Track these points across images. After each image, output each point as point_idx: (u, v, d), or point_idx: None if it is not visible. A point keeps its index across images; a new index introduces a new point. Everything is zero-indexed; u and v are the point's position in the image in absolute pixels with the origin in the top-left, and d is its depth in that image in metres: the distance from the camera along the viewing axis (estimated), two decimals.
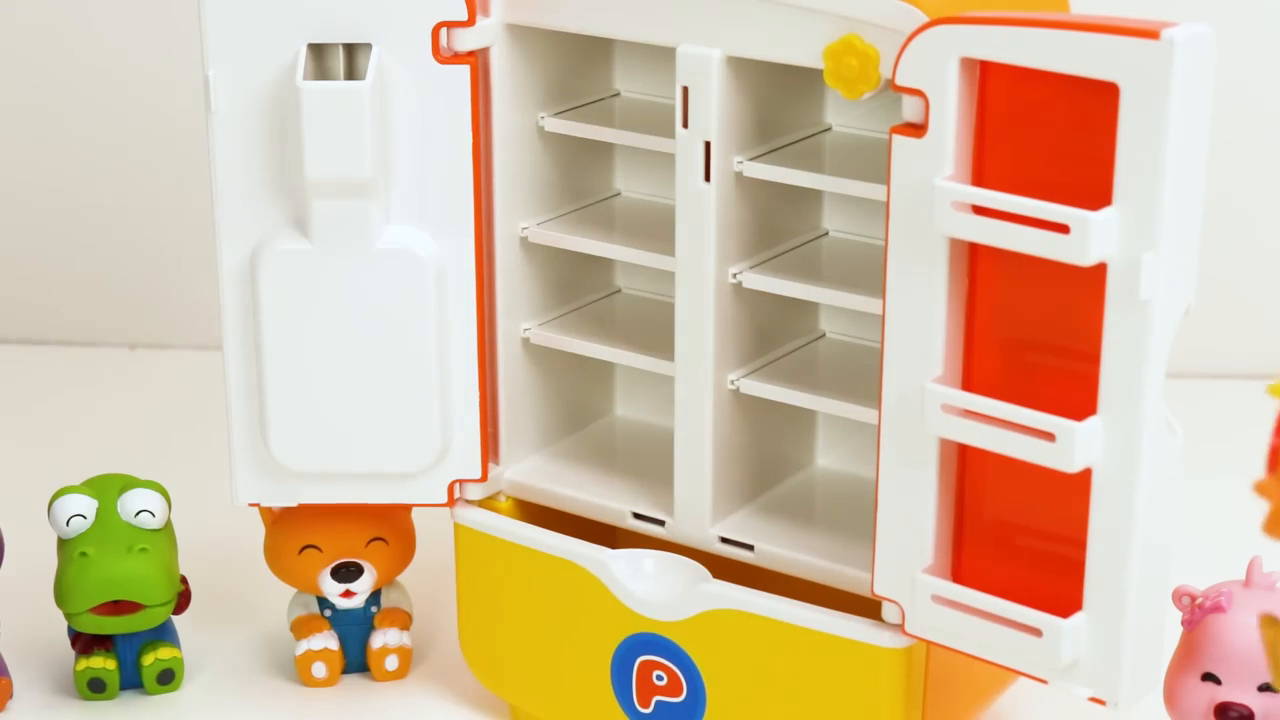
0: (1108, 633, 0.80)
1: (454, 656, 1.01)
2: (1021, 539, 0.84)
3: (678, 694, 0.92)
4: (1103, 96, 0.75)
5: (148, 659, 1.02)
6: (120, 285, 1.47)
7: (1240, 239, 1.38)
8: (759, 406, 0.93)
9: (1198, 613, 0.87)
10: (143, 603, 0.99)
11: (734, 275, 0.89)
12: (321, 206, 0.91)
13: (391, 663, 1.04)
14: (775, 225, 0.92)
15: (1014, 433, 0.79)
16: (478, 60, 0.91)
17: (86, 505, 1.00)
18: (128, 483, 1.01)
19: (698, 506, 0.92)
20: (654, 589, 0.92)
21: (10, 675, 1.02)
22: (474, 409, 0.95)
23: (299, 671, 1.03)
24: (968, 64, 0.79)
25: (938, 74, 0.79)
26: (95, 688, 1.02)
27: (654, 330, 0.96)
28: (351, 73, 0.91)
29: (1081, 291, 0.78)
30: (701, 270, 0.89)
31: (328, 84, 0.89)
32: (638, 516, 0.94)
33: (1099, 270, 0.76)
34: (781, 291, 0.89)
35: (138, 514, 0.99)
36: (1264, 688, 0.86)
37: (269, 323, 0.92)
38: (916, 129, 0.80)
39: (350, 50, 0.91)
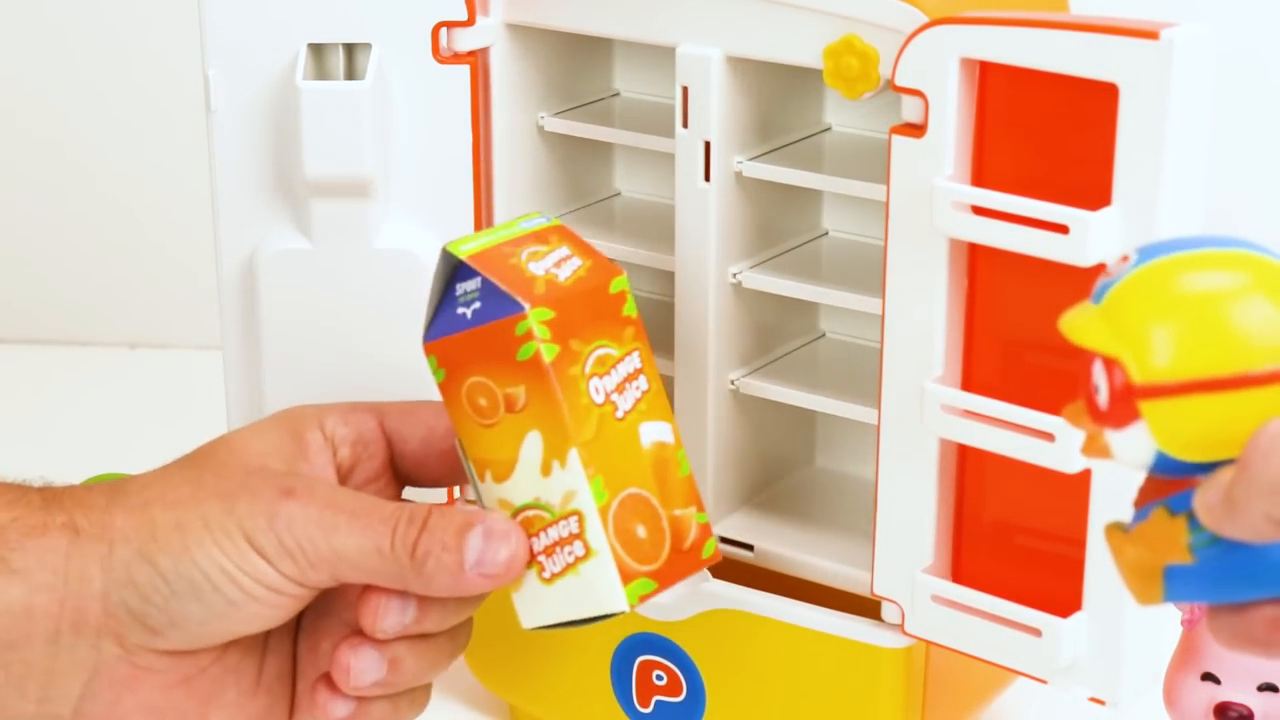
0: (1107, 632, 0.80)
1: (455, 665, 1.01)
2: (1021, 539, 0.84)
3: (677, 694, 0.92)
4: (1102, 96, 0.75)
5: None
6: (120, 285, 1.47)
7: None
8: (759, 406, 0.93)
9: (1197, 612, 0.87)
10: None
11: (734, 275, 0.89)
12: (321, 206, 0.91)
13: None
14: (775, 225, 0.92)
15: (1014, 433, 0.79)
16: (478, 60, 0.91)
17: None
18: None
19: None
20: None
21: None
22: None
23: None
24: (967, 64, 0.79)
25: (937, 74, 0.79)
26: None
27: (654, 330, 0.96)
28: (351, 73, 0.91)
29: (1082, 292, 0.78)
30: (701, 270, 0.89)
31: (328, 84, 0.89)
32: None
33: (1099, 270, 0.76)
34: (781, 291, 0.89)
35: None
36: (1264, 687, 0.86)
37: (269, 323, 0.93)
38: (916, 129, 0.80)
39: (350, 50, 0.91)
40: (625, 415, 0.79)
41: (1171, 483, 0.60)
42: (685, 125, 0.87)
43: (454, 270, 0.79)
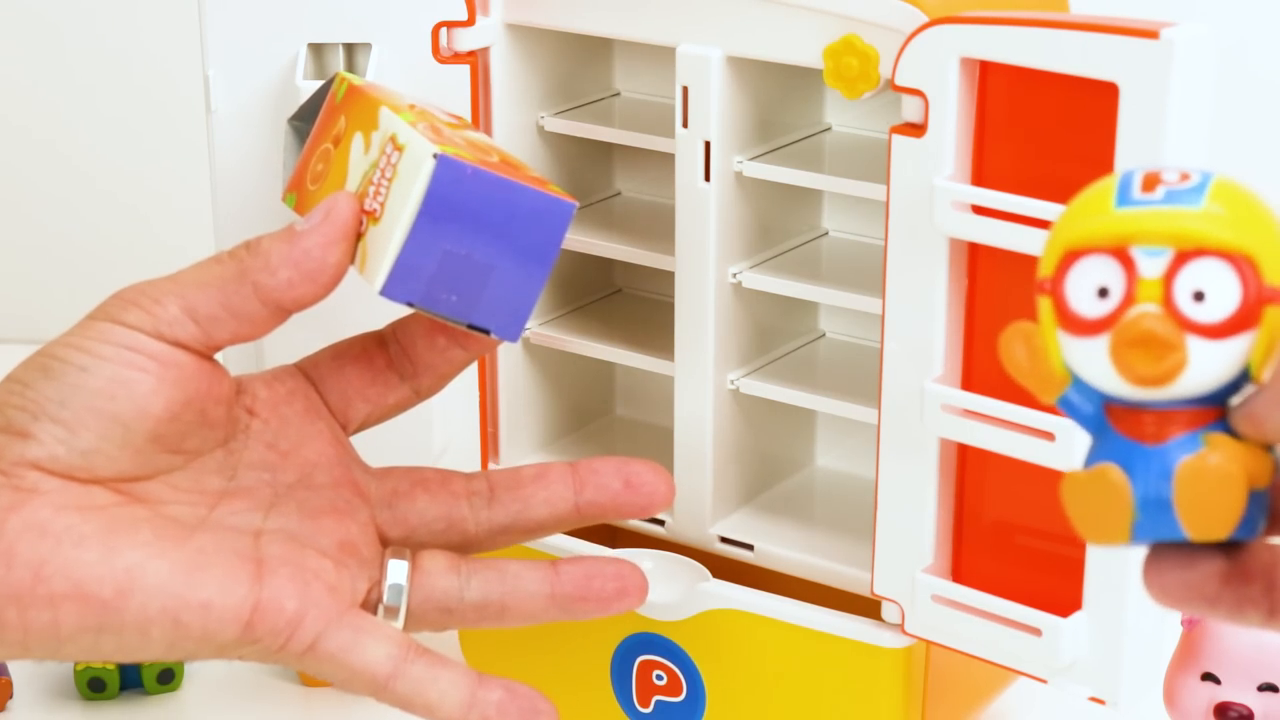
0: (1107, 632, 0.80)
1: (454, 657, 1.01)
2: (1021, 539, 0.84)
3: (677, 694, 0.92)
4: (1102, 96, 0.75)
5: None
6: (120, 285, 1.46)
7: None
8: (759, 406, 0.93)
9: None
10: None
11: (734, 275, 0.89)
12: None
13: None
14: (775, 225, 0.92)
15: (1014, 432, 0.79)
16: (478, 60, 0.91)
17: None
18: None
19: (697, 506, 0.92)
20: (654, 589, 0.92)
21: (10, 675, 1.02)
22: (474, 408, 0.95)
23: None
24: (968, 64, 0.79)
25: (938, 74, 0.79)
26: (95, 687, 1.02)
27: (653, 330, 0.96)
28: (351, 72, 0.91)
29: None
30: (701, 270, 0.89)
31: None
32: None
33: None
34: (781, 291, 0.89)
35: None
36: (1264, 687, 0.86)
37: None
38: (916, 129, 0.80)
39: (350, 50, 0.91)
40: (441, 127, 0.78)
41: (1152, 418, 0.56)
42: (685, 125, 0.87)
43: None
